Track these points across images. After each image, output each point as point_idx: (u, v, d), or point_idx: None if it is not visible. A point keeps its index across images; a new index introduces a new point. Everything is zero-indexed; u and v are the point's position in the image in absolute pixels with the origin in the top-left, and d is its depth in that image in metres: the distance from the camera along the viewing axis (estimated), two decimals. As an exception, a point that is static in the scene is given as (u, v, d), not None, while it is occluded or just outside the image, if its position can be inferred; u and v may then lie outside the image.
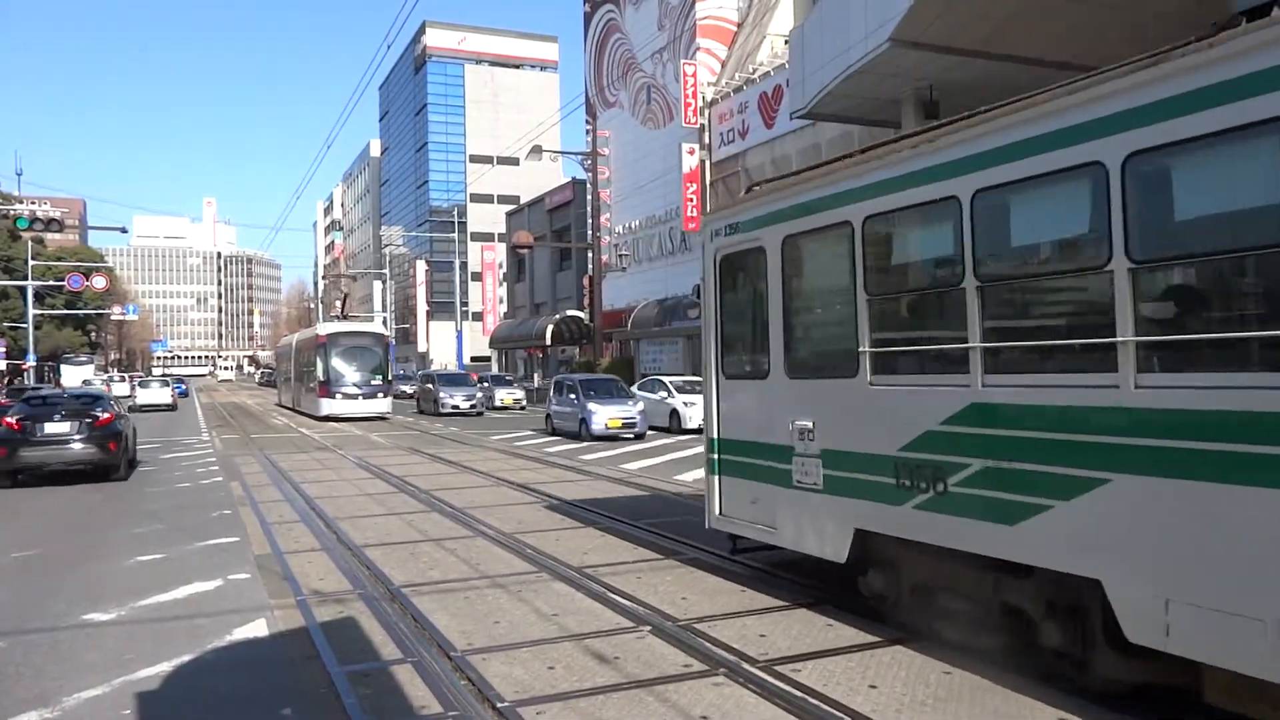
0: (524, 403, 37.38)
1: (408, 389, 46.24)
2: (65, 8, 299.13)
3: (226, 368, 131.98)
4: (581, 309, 43.27)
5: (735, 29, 40.87)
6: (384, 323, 67.81)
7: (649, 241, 43.59)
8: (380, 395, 30.32)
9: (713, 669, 5.53)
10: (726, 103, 38.46)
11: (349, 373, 30.10)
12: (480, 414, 32.73)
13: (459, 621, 6.62)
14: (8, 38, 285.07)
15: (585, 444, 21.36)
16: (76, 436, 14.77)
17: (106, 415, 15.35)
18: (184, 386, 77.44)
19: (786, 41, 31.47)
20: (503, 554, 8.90)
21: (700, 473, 13.27)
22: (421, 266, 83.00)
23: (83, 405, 15.42)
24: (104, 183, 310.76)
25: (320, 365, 30.20)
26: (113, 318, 77.61)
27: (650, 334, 34.23)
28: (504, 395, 37.19)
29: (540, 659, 5.77)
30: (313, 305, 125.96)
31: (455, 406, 32.69)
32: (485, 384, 37.76)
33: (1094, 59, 23.45)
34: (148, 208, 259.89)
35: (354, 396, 29.89)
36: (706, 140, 39.48)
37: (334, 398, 29.84)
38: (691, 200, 38.72)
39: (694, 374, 31.49)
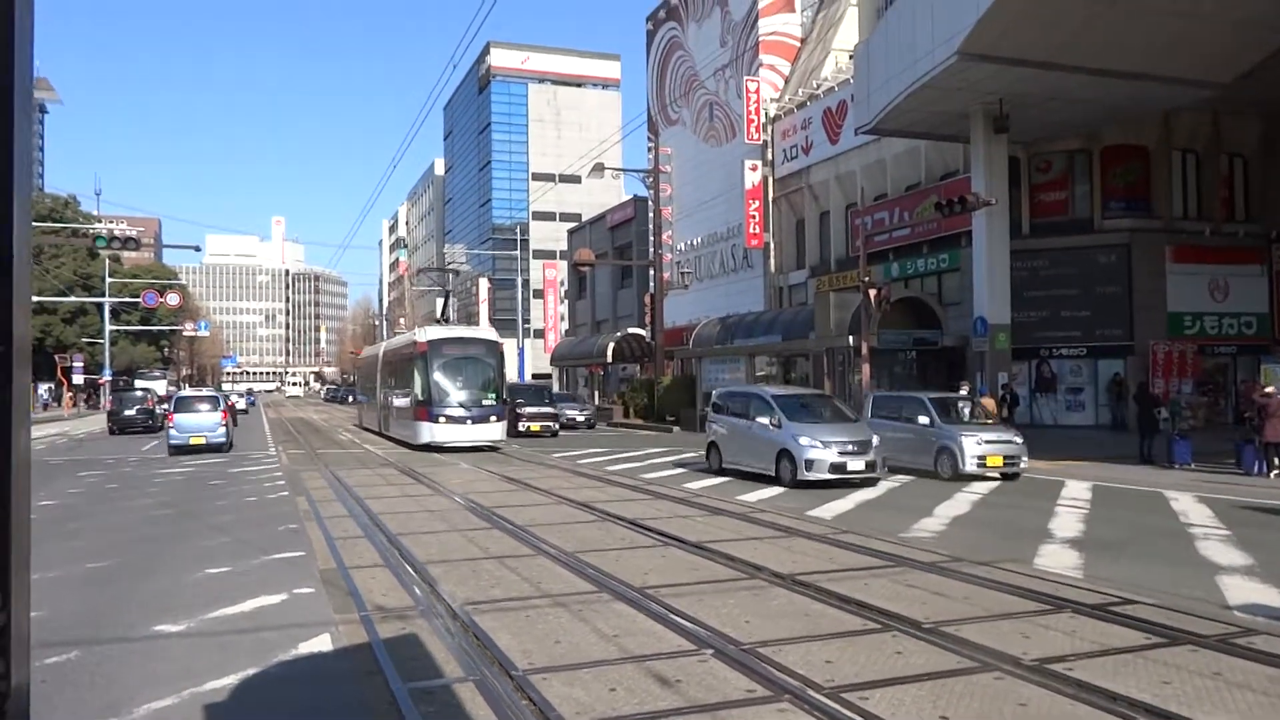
0: (593, 421, 36.30)
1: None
2: (141, 32, 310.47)
3: (294, 383, 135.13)
4: (642, 327, 43.36)
5: (799, 45, 40.76)
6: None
7: (710, 259, 43.55)
8: (493, 419, 24.46)
9: (777, 695, 5.43)
10: (790, 119, 38.32)
11: (455, 390, 24.34)
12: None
13: (520, 640, 6.61)
14: (88, 63, 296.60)
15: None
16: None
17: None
18: (253, 397, 79.48)
19: (851, 56, 31.33)
20: (563, 573, 8.90)
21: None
22: (484, 284, 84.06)
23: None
24: (178, 202, 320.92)
25: (419, 381, 24.58)
26: (185, 334, 79.80)
27: (712, 352, 34.12)
28: (573, 413, 35.54)
29: (601, 680, 5.73)
30: (377, 322, 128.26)
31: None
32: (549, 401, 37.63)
33: (1173, 69, 22.95)
34: (219, 226, 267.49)
35: (462, 420, 24.08)
36: (769, 157, 39.36)
37: (436, 421, 24.01)
38: (754, 217, 38.62)
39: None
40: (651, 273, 40.62)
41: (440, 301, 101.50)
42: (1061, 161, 27.88)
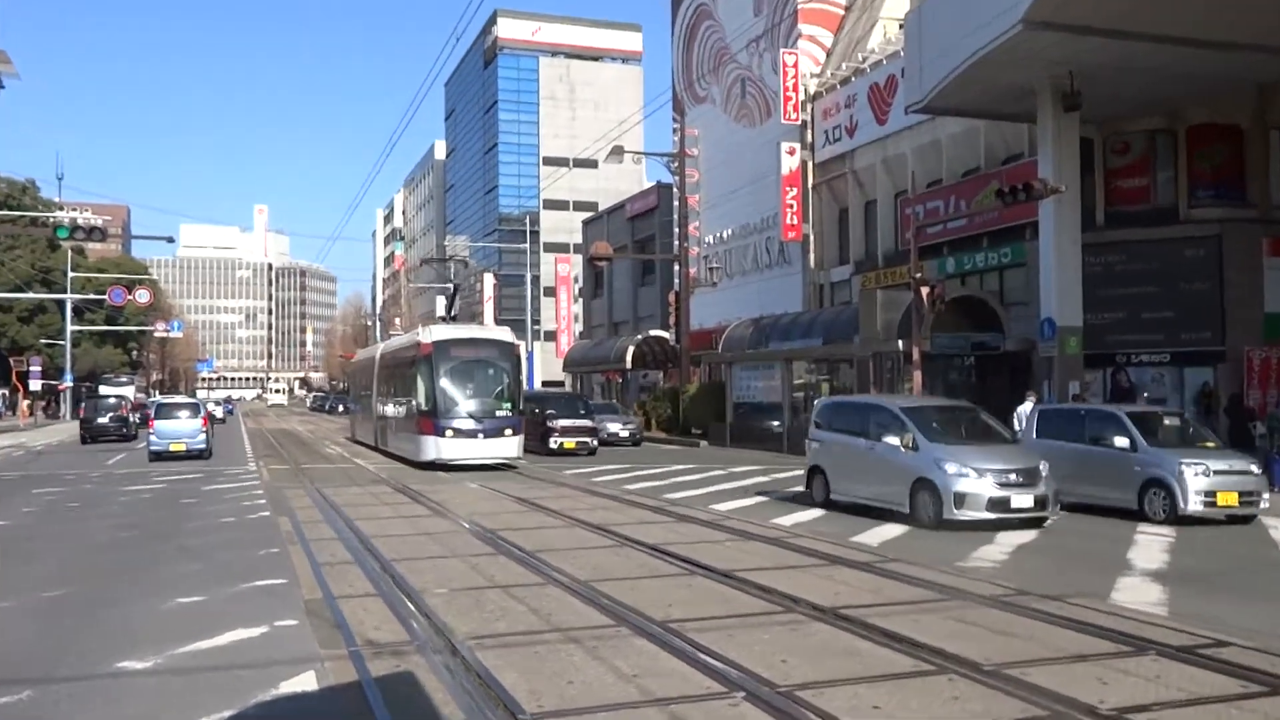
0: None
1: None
2: (108, 0, 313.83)
3: (277, 390, 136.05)
4: (666, 328, 43.38)
5: (842, 13, 40.68)
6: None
7: (743, 253, 43.52)
8: (508, 432, 23.75)
9: (818, 746, 5.38)
10: (832, 96, 38.24)
11: (465, 399, 23.69)
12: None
13: (528, 680, 6.59)
14: (49, 36, 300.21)
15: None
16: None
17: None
18: (231, 406, 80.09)
19: (901, 26, 31.23)
20: (576, 604, 8.87)
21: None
22: (489, 280, 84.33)
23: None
24: (149, 189, 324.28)
25: (423, 387, 23.93)
26: (156, 335, 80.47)
27: (744, 357, 34.05)
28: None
29: (619, 727, 5.69)
30: (370, 322, 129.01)
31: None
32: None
33: (1268, 36, 22.62)
34: (195, 215, 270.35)
35: (472, 434, 23.38)
36: (809, 139, 39.29)
37: (443, 435, 23.32)
38: (791, 206, 38.56)
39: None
40: (676, 268, 40.59)
41: (443, 299, 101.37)
42: (1141, 143, 27.65)
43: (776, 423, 31.30)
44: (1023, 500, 13.45)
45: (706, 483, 21.17)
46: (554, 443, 28.67)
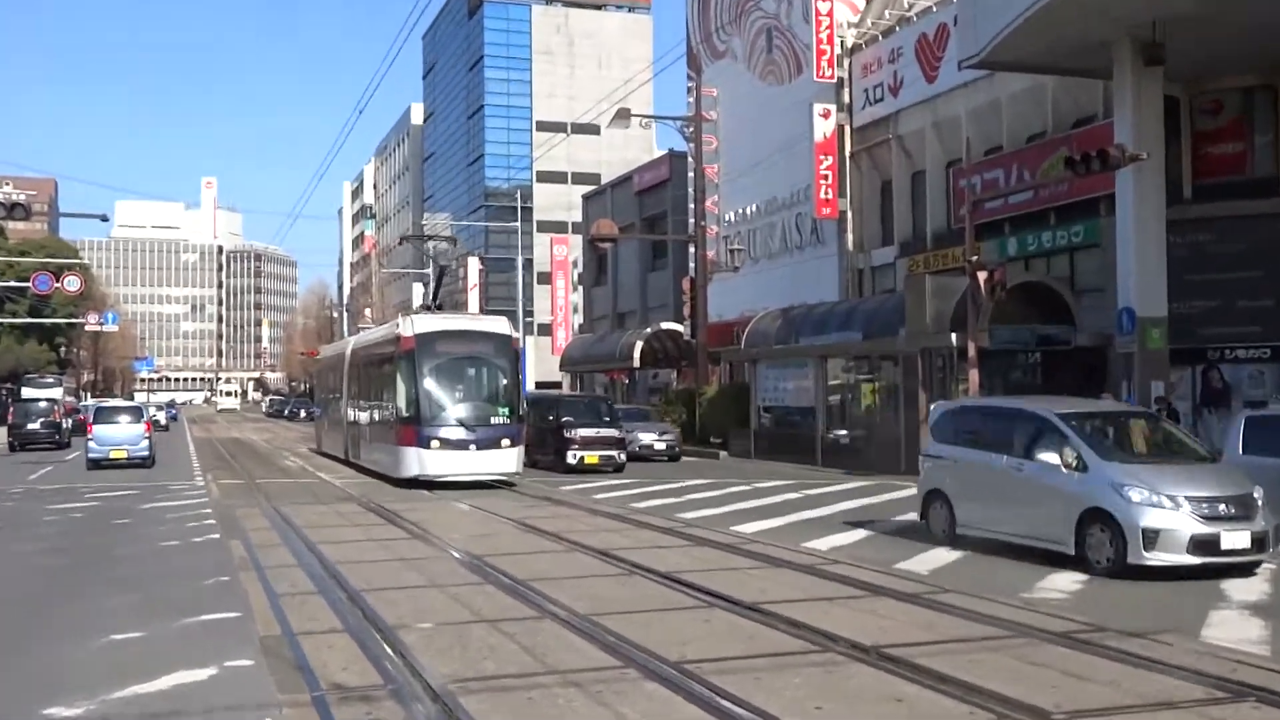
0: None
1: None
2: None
3: (228, 392, 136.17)
4: (680, 321, 43.30)
5: (885, -48, 40.58)
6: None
7: (769, 232, 43.49)
8: (505, 442, 23.34)
9: (861, 809, 5.34)
10: (873, 49, 38.18)
11: (454, 403, 23.41)
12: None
13: (520, 732, 6.55)
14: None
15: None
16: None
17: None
18: (174, 410, 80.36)
19: (955, -34, 31.15)
20: (576, 641, 8.84)
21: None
22: (474, 265, 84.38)
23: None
24: (79, 159, 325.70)
25: (403, 389, 23.66)
26: (87, 328, 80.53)
27: (772, 354, 34.01)
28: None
29: (627, 786, 5.66)
30: (336, 314, 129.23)
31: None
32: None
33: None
34: (133, 190, 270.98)
35: (463, 445, 22.93)
36: (846, 99, 39.24)
37: (427, 446, 22.87)
38: (826, 178, 38.52)
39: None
40: (692, 250, 40.55)
41: (421, 287, 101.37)
42: (1235, 103, 27.53)
43: (809, 430, 31.28)
44: (1236, 539, 11.80)
45: (782, 510, 21.08)
46: (573, 457, 27.88)
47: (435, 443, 22.92)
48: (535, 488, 23.52)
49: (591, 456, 27.99)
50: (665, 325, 47.21)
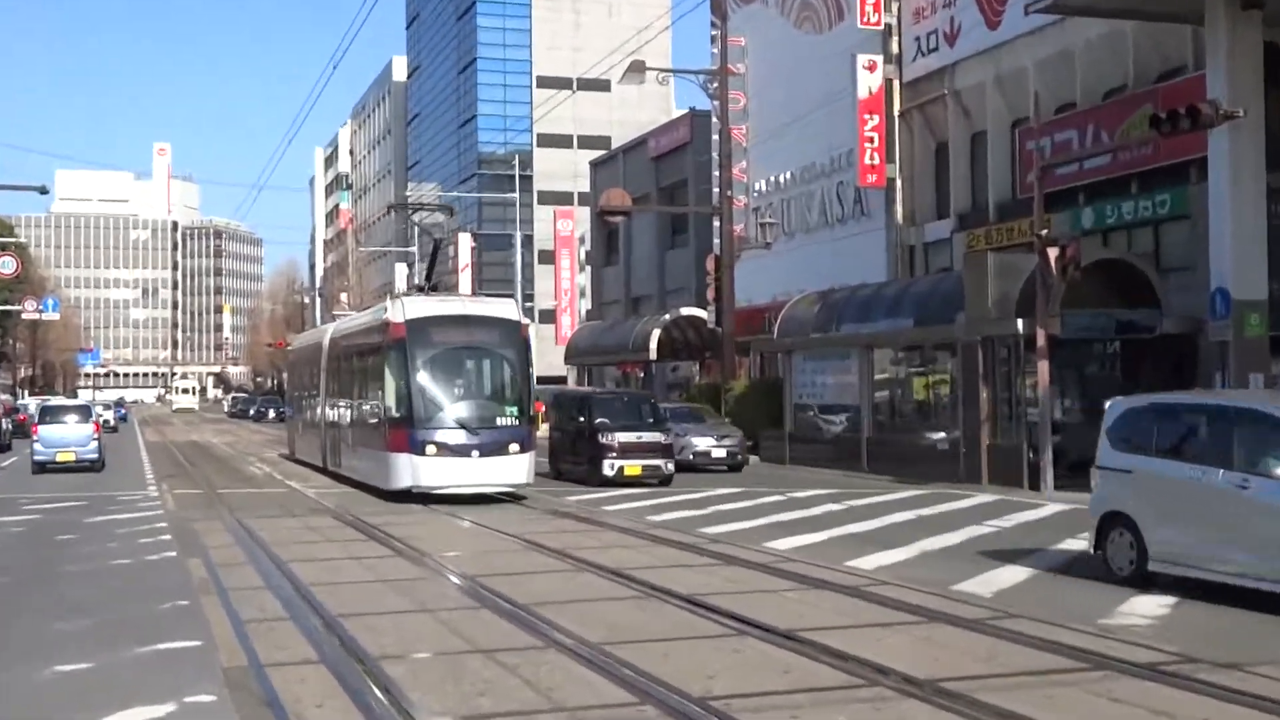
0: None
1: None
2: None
3: (185, 389, 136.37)
4: (703, 306, 43.29)
5: (940, -122, 40.40)
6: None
7: (806, 203, 43.40)
8: (514, 447, 22.95)
9: None
10: (926, -9, 38.03)
11: (453, 401, 23.12)
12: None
13: (522, 777, 6.58)
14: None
15: None
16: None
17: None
18: (124, 410, 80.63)
19: (1020, -105, 30.96)
20: (586, 674, 8.86)
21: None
22: (466, 242, 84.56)
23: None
24: (14, 123, 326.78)
25: (392, 385, 23.46)
26: (24, 316, 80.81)
27: (809, 344, 33.94)
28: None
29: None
30: (308, 299, 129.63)
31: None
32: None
33: None
34: (76, 158, 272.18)
35: (463, 451, 22.54)
36: (894, 49, 39.10)
37: (421, 451, 22.49)
38: (871, 141, 38.41)
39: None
40: (717, 224, 40.49)
41: (404, 269, 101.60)
42: (1346, 52, 27.35)
43: (852, 432, 31.25)
44: None
45: (806, 523, 21.02)
46: (610, 467, 26.59)
47: (431, 448, 22.47)
48: (549, 501, 23.53)
49: (633, 467, 26.72)
50: (686, 311, 47.24)
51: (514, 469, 22.97)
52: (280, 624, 10.96)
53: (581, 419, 28.16)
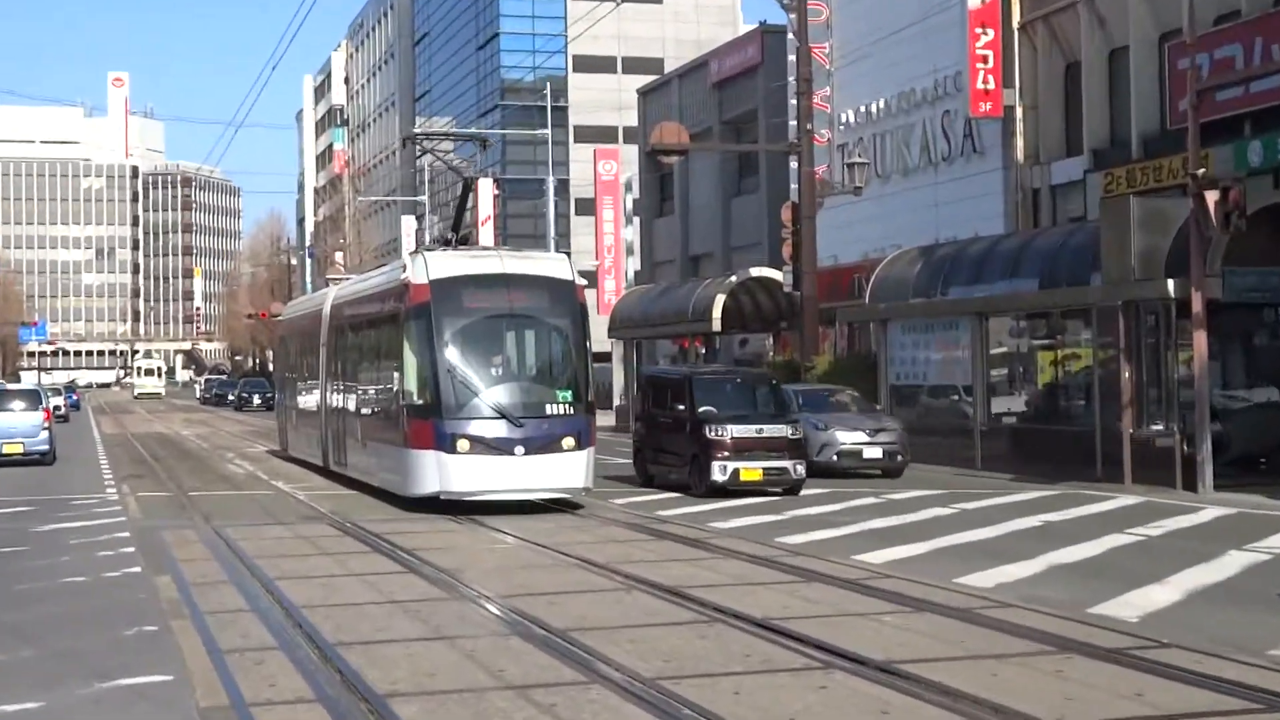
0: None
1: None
2: None
3: (149, 370, 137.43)
4: (778, 266, 43.14)
5: None
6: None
7: (903, 139, 43.15)
8: (568, 443, 22.30)
9: None
10: (1052, -126, 37.67)
11: (491, 384, 22.53)
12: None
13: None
14: None
15: None
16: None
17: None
18: (75, 396, 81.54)
19: None
20: (637, 714, 8.88)
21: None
22: (487, 189, 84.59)
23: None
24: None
25: (414, 364, 22.88)
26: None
27: (908, 310, 33.78)
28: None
29: None
30: (296, 260, 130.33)
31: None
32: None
33: None
34: (16, 92, 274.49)
35: (503, 447, 21.84)
36: (1014, -55, 38.75)
37: (451, 448, 21.80)
38: (985, 60, 38.11)
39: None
40: (794, 166, 40.29)
41: (411, 223, 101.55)
42: None
43: (962, 419, 31.12)
44: None
45: (906, 531, 21.00)
46: (721, 470, 24.92)
47: (462, 443, 21.74)
48: (644, 513, 22.58)
49: (750, 470, 25.02)
50: (756, 272, 47.03)
51: (568, 470, 22.29)
52: (268, 654, 11.00)
53: (680, 407, 26.46)
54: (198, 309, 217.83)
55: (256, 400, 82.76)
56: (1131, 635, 11.50)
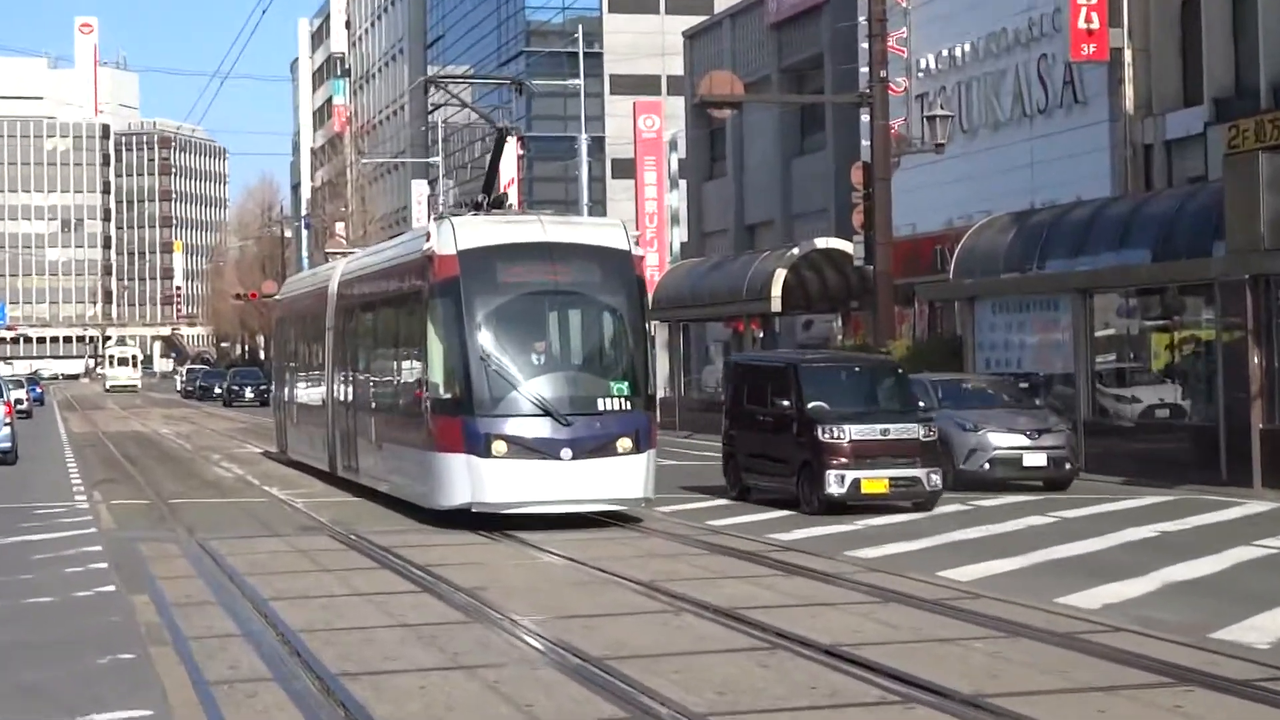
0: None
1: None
2: None
3: (124, 359, 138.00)
4: (847, 236, 43.06)
5: None
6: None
7: (992, 87, 43.01)
8: (627, 444, 21.67)
9: None
10: None
11: (532, 375, 21.95)
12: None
13: None
14: None
15: None
16: None
17: None
18: (39, 389, 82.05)
19: None
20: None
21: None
22: (511, 147, 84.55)
23: None
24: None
25: (439, 350, 22.38)
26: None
27: (999, 288, 33.66)
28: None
29: None
30: (290, 233, 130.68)
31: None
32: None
33: None
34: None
35: (550, 449, 21.25)
36: None
37: (486, 453, 21.17)
38: (1087, -3, 37.94)
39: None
40: (865, 120, 40.15)
41: (423, 188, 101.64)
42: None
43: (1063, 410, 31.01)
44: None
45: (997, 543, 20.98)
46: (837, 481, 23.39)
47: (499, 445, 21.13)
48: (743, 536, 21.94)
49: (874, 481, 23.54)
50: (822, 243, 46.92)
51: (625, 477, 21.67)
52: (261, 686, 11.03)
53: (784, 402, 24.98)
54: (178, 289, 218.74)
55: (249, 393, 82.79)
56: (1261, 664, 11.43)
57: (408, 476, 23.98)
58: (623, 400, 21.90)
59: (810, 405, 24.28)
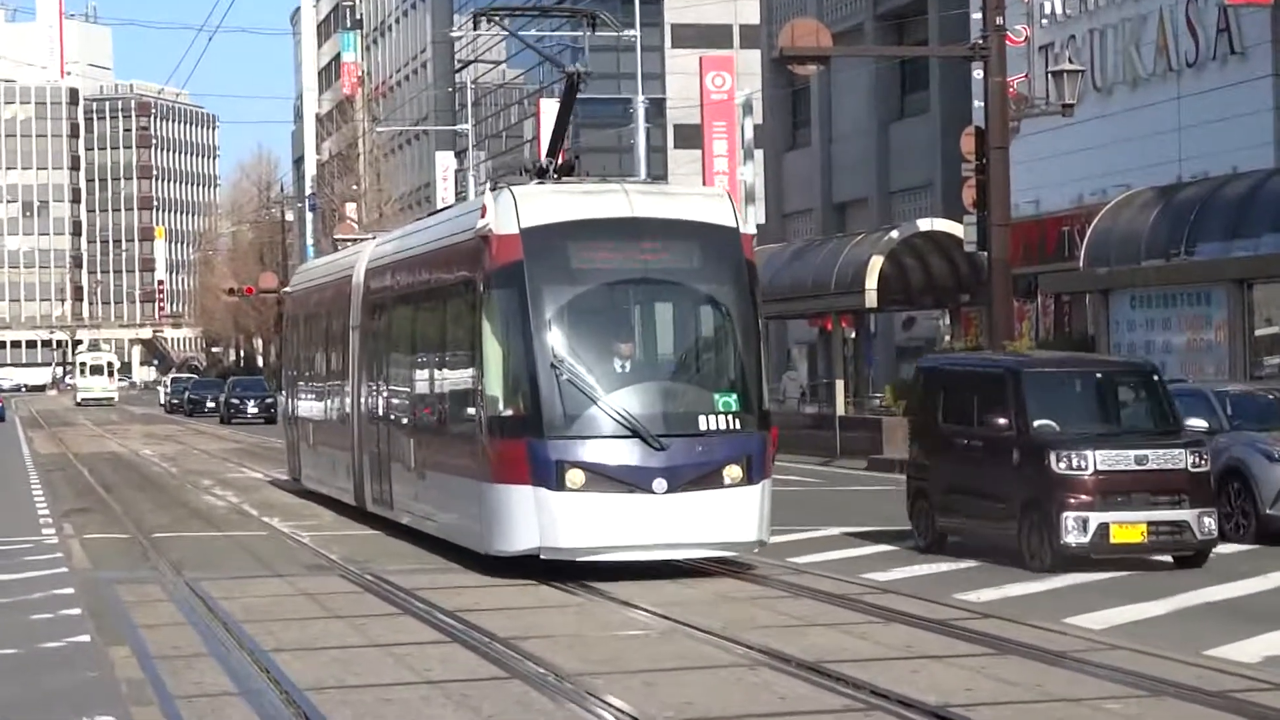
0: None
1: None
2: None
3: (98, 367, 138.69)
4: (955, 217, 43.05)
5: None
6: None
7: (1130, 34, 42.87)
8: (735, 472, 20.54)
9: None
10: None
11: (614, 387, 20.84)
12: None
13: None
14: None
15: None
16: None
17: None
18: None
19: None
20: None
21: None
22: (549, 109, 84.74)
23: None
24: None
25: (497, 355, 21.26)
26: None
27: (1141, 277, 33.62)
28: None
29: None
30: (292, 213, 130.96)
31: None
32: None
33: None
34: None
35: (640, 481, 20.19)
36: None
37: (559, 485, 20.07)
38: (1243, -73, 37.80)
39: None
40: (977, 76, 40.11)
41: (449, 161, 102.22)
42: None
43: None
44: None
45: (1132, 586, 20.95)
46: (1076, 527, 21.17)
47: (575, 475, 20.08)
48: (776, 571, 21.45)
49: (1128, 528, 21.36)
50: (926, 225, 46.93)
51: (734, 514, 20.59)
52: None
53: (999, 420, 22.96)
54: (161, 283, 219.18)
55: (252, 408, 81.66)
56: None
57: (457, 513, 23.06)
58: (731, 418, 20.83)
59: (1037, 424, 22.35)
